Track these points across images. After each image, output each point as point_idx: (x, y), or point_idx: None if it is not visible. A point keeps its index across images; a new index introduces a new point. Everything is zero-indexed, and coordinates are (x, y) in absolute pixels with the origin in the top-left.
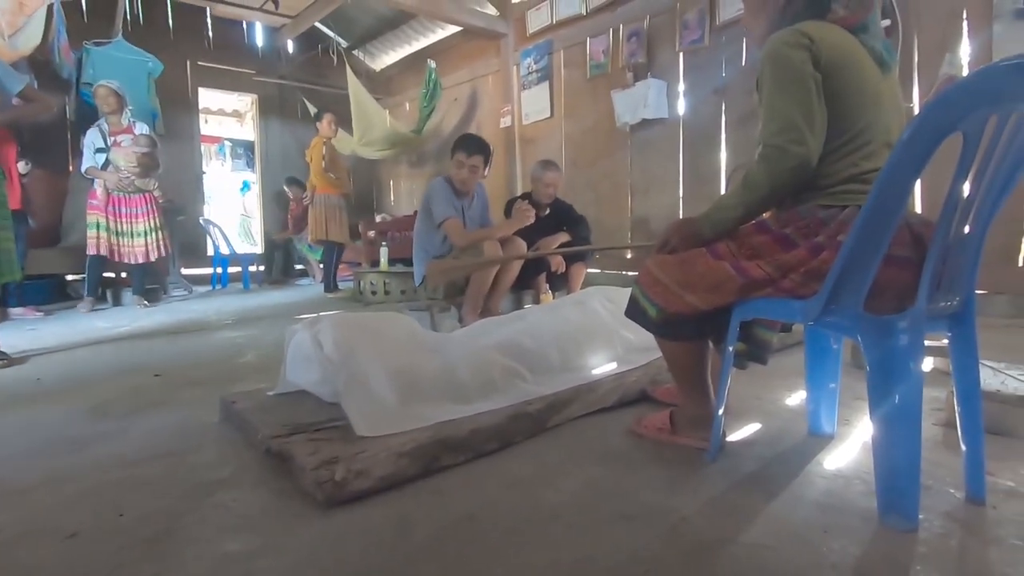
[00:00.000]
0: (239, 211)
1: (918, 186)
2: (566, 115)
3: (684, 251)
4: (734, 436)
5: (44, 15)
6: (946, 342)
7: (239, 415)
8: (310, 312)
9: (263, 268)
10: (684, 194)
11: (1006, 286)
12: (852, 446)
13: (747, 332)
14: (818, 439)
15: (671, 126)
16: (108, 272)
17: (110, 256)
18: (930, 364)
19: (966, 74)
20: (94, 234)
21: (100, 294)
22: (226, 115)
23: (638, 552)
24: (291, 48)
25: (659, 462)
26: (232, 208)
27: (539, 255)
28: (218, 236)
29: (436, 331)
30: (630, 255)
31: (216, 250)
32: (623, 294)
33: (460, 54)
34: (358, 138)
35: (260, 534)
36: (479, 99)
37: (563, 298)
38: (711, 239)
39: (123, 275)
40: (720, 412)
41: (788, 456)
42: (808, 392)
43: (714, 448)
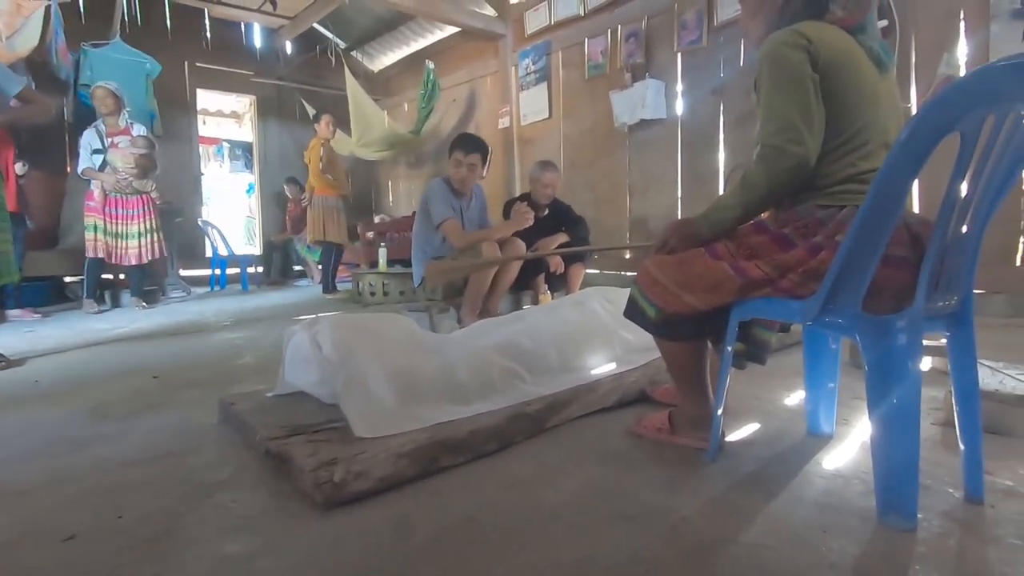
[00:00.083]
0: (245, 213)
1: (916, 186)
2: (564, 116)
3: (683, 251)
4: (733, 436)
5: (42, 16)
6: (944, 342)
7: (238, 416)
8: (309, 313)
9: (261, 269)
10: (682, 194)
11: (1004, 285)
12: (851, 446)
13: (746, 332)
14: (817, 439)
15: (669, 126)
16: (107, 274)
17: (107, 258)
18: (928, 364)
19: (963, 74)
20: (92, 236)
21: (99, 296)
22: (224, 116)
23: (638, 552)
24: (289, 49)
25: (658, 462)
26: (238, 209)
27: (538, 256)
28: (216, 237)
29: (435, 332)
30: (629, 255)
31: (214, 251)
32: (622, 294)
33: (458, 55)
34: (356, 139)
35: (259, 535)
36: (477, 100)
37: (562, 299)
38: (709, 239)
39: (122, 277)
40: (719, 412)
41: (787, 456)
42: (807, 392)
43: (713, 448)
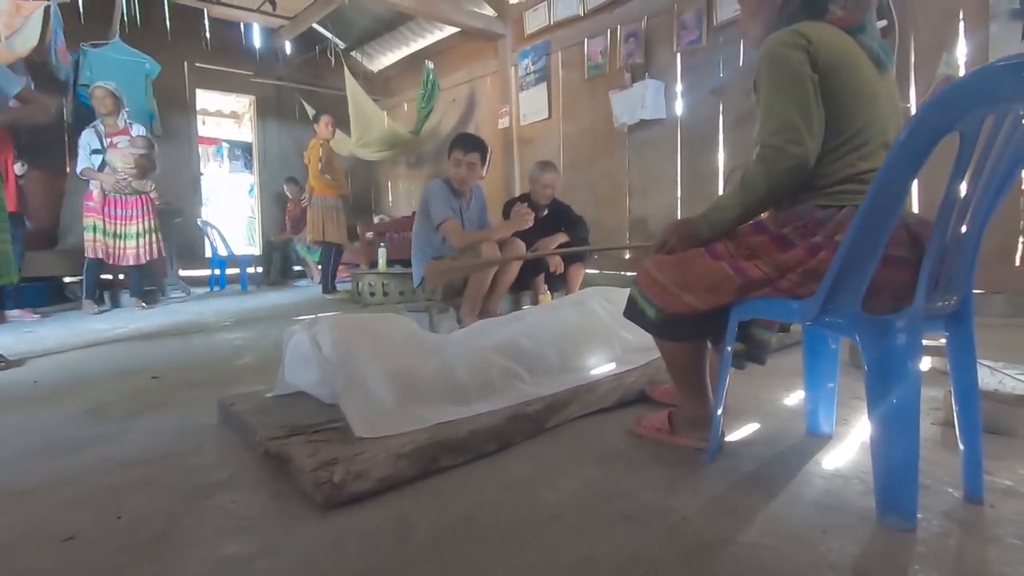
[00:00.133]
0: (247, 214)
1: (915, 186)
2: (564, 116)
3: (682, 251)
4: (733, 436)
5: (41, 17)
6: (944, 342)
7: (237, 417)
8: (308, 313)
9: (261, 270)
10: (682, 194)
11: (1003, 285)
12: (850, 446)
13: (745, 332)
14: (816, 439)
15: (669, 126)
16: (106, 274)
17: (106, 258)
18: (928, 364)
19: (963, 74)
20: (91, 237)
21: (99, 296)
22: (224, 116)
23: (638, 552)
24: (289, 49)
25: (658, 462)
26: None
27: (538, 256)
28: (216, 238)
29: (434, 332)
30: (628, 255)
31: (214, 252)
32: (621, 295)
33: (458, 55)
34: (356, 139)
35: (259, 536)
36: (477, 100)
37: (562, 299)
38: (709, 239)
39: (121, 277)
40: (719, 412)
41: (787, 456)
42: (806, 392)
43: (713, 448)
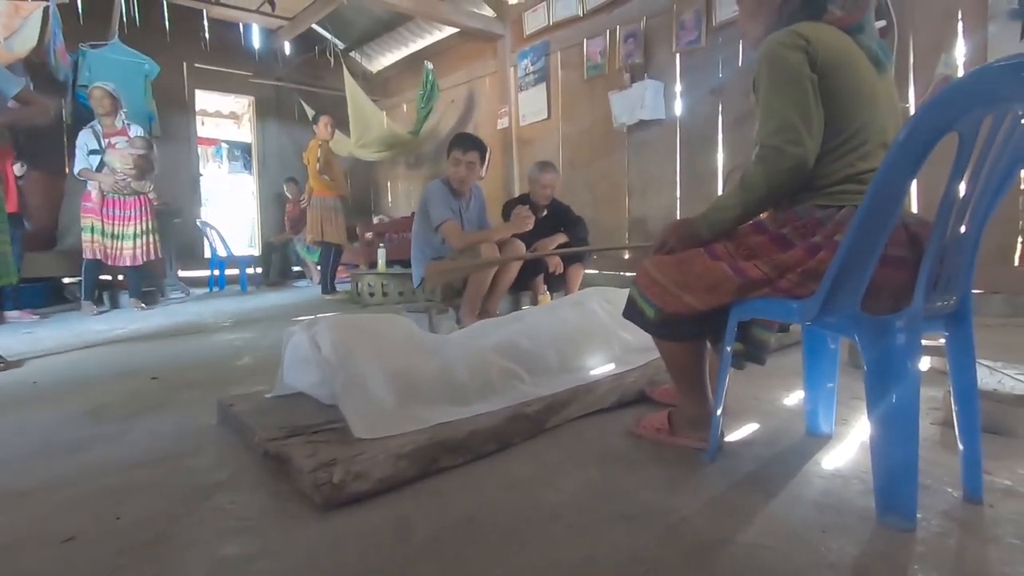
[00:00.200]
0: (251, 215)
1: (914, 186)
2: (563, 116)
3: (682, 252)
4: (732, 436)
5: (40, 17)
6: (943, 341)
7: (237, 418)
8: (308, 314)
9: (260, 270)
10: (681, 195)
11: (1002, 285)
12: (850, 446)
13: (745, 332)
14: (816, 439)
15: (668, 127)
16: (105, 275)
17: (104, 259)
18: (927, 363)
19: (961, 74)
20: (89, 238)
21: (98, 297)
22: (223, 117)
23: (638, 552)
24: (288, 50)
25: (658, 462)
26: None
27: (537, 256)
28: (215, 238)
29: (434, 333)
30: (628, 256)
31: (213, 252)
32: (621, 295)
33: (457, 55)
34: (355, 140)
35: (258, 537)
36: (476, 100)
37: (561, 299)
38: (708, 240)
39: (120, 278)
40: (718, 412)
41: (786, 456)
42: (806, 392)
43: (712, 448)
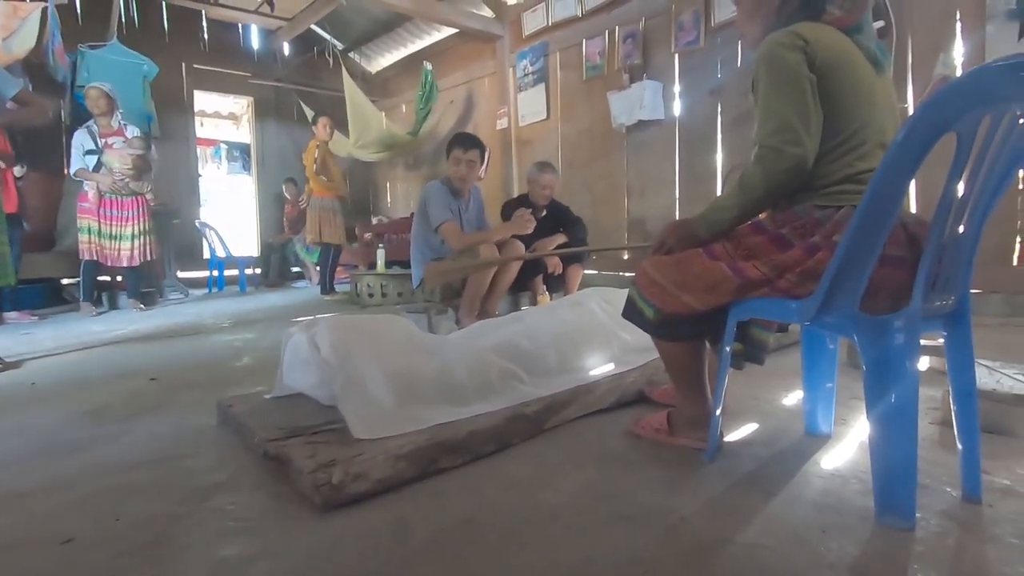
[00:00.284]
0: (251, 215)
1: (913, 186)
2: (562, 117)
3: (680, 252)
4: (732, 436)
5: (39, 18)
6: (942, 341)
7: (236, 418)
8: (307, 315)
9: (259, 271)
10: (680, 195)
11: (1001, 285)
12: (849, 446)
13: (744, 332)
14: (815, 439)
15: (667, 127)
16: (104, 276)
17: (101, 260)
18: (926, 363)
19: (960, 74)
20: (86, 239)
21: (96, 298)
22: (222, 118)
23: (637, 553)
24: (287, 51)
25: (657, 463)
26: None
27: (536, 256)
28: (214, 239)
29: (433, 333)
30: (627, 256)
31: (212, 253)
32: (620, 295)
33: (456, 56)
34: (354, 140)
35: (258, 538)
36: (475, 101)
37: (560, 299)
38: (707, 240)
39: (119, 279)
40: (717, 412)
41: (786, 456)
42: (805, 392)
43: (712, 448)
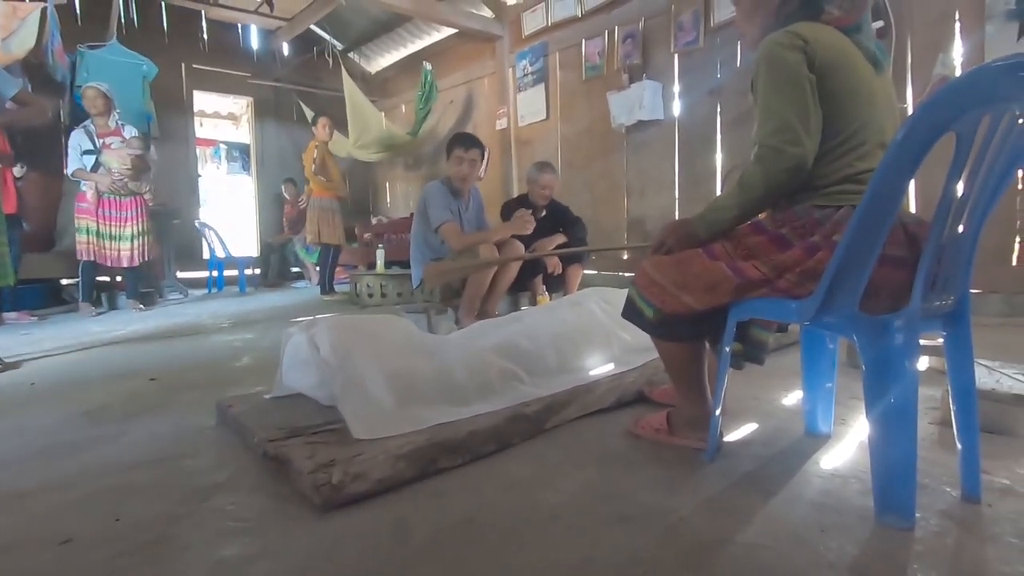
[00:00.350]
0: (250, 215)
1: (912, 186)
2: (562, 117)
3: (680, 252)
4: (731, 436)
5: (38, 18)
6: (941, 341)
7: (236, 419)
8: (306, 315)
9: (259, 271)
10: (680, 195)
11: (1000, 285)
12: (848, 445)
13: (743, 332)
14: (815, 439)
15: (666, 127)
16: (103, 276)
17: (100, 260)
18: (925, 363)
19: (959, 75)
20: (84, 239)
21: (96, 298)
22: (221, 118)
23: (637, 553)
24: (286, 51)
25: (657, 463)
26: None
27: (536, 256)
28: (214, 239)
29: (433, 333)
30: (626, 256)
31: (212, 253)
32: (619, 295)
33: (456, 56)
34: (354, 140)
35: (257, 538)
36: (475, 101)
37: (560, 299)
38: (707, 240)
39: (118, 279)
40: (717, 412)
41: (785, 456)
42: (804, 392)
43: (711, 448)
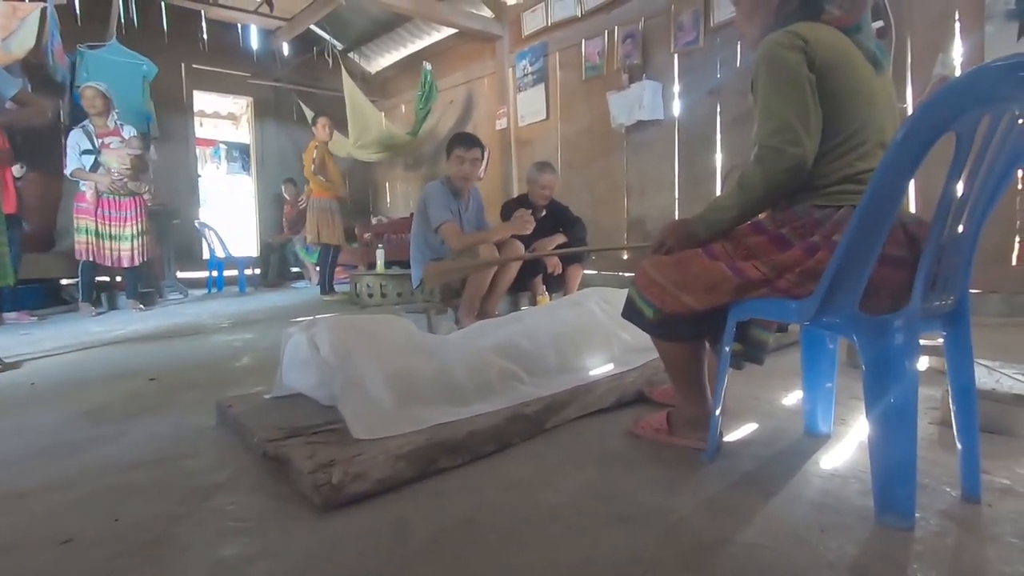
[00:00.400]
0: (250, 215)
1: (913, 186)
2: (562, 117)
3: (680, 252)
4: (731, 436)
5: (38, 18)
6: (941, 341)
7: (235, 419)
8: (306, 315)
9: (259, 271)
10: (680, 195)
11: (1000, 285)
12: (848, 445)
13: (743, 332)
14: (815, 439)
15: (666, 127)
16: (103, 276)
17: (100, 260)
18: (925, 363)
19: (959, 75)
20: (83, 239)
21: (95, 298)
22: (221, 118)
23: (637, 553)
24: (286, 51)
25: (657, 463)
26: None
27: (536, 256)
28: (214, 239)
29: (433, 333)
30: (626, 256)
31: (212, 253)
32: (619, 295)
33: (456, 56)
34: (354, 140)
35: (257, 538)
36: (475, 101)
37: (560, 299)
38: (707, 240)
39: (118, 279)
40: (717, 412)
41: (785, 456)
42: (804, 392)
43: (711, 448)
